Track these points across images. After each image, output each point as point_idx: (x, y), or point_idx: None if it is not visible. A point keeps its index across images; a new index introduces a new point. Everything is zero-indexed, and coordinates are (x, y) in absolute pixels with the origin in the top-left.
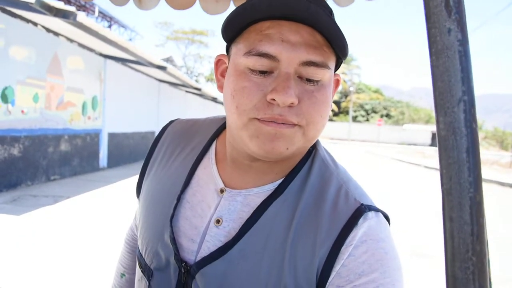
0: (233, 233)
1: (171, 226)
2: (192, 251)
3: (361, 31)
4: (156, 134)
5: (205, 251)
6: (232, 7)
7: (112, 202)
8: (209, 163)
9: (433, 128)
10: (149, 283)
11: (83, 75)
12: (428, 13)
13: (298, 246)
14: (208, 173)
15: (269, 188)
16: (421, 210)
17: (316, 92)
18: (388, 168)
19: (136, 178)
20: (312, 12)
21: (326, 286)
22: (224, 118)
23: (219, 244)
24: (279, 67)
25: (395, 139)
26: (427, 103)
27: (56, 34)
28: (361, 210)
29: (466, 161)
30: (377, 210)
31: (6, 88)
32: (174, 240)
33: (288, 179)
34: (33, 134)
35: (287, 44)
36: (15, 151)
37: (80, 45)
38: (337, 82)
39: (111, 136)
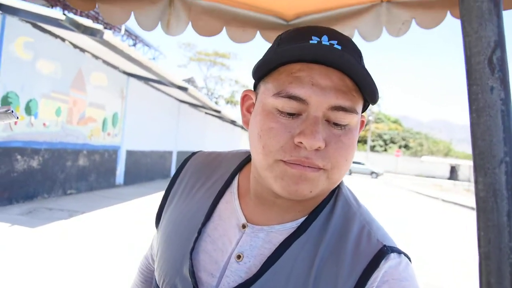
0: (254, 270)
1: (191, 259)
2: (211, 286)
3: (382, 60)
4: (174, 154)
5: (225, 286)
6: (258, 37)
7: (126, 219)
8: (231, 198)
9: (451, 161)
10: None
11: (105, 92)
12: (469, 69)
13: (320, 285)
14: (231, 207)
15: (292, 226)
16: (437, 244)
17: (343, 136)
18: (405, 200)
19: (151, 197)
20: (344, 60)
21: None
22: (247, 152)
23: (239, 280)
24: (308, 110)
25: (413, 171)
26: (447, 135)
27: (82, 50)
28: (384, 251)
29: (507, 225)
30: (399, 252)
31: (30, 100)
32: (193, 274)
33: (311, 217)
34: (53, 147)
35: (317, 88)
36: (35, 163)
37: (105, 62)
38: (362, 123)
39: (129, 153)
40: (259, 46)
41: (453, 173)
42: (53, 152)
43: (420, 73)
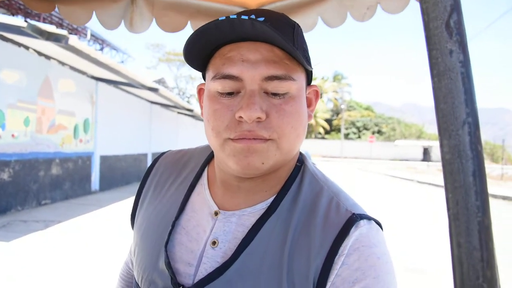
0: (230, 254)
1: (166, 251)
2: (190, 275)
3: (351, 48)
4: (149, 156)
5: (203, 273)
6: None
7: (104, 225)
8: (202, 189)
9: (424, 143)
10: None
11: (74, 98)
12: (428, 34)
13: (294, 261)
14: (202, 198)
15: (262, 207)
16: (415, 225)
17: (284, 104)
18: (381, 184)
19: (128, 201)
20: (259, 30)
21: (330, 273)
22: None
23: (217, 265)
24: (244, 86)
25: (387, 155)
26: (418, 118)
27: (48, 57)
28: (353, 219)
29: (473, 185)
30: (369, 218)
31: None
32: (169, 265)
33: (280, 196)
34: (23, 158)
35: (247, 63)
36: (5, 175)
37: (72, 68)
38: (316, 93)
39: (103, 159)
40: None
41: (426, 155)
42: (24, 163)
43: (388, 59)
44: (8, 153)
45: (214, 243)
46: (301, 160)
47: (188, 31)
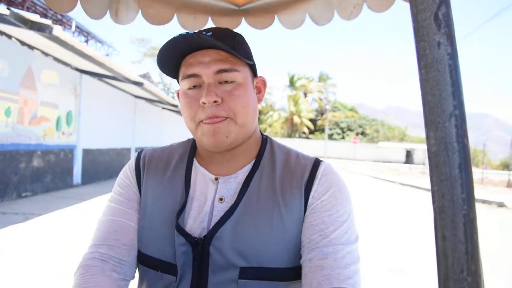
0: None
1: (177, 219)
2: (203, 228)
3: (337, 49)
4: (132, 150)
5: (214, 221)
6: (210, 23)
7: (85, 219)
8: (196, 168)
9: (406, 145)
10: (176, 276)
11: (58, 90)
12: (416, 26)
13: (285, 190)
14: (200, 174)
15: (248, 168)
16: (397, 227)
17: (234, 90)
18: (364, 185)
19: (110, 195)
20: (203, 40)
21: (308, 205)
22: (190, 139)
23: (224, 214)
24: (203, 81)
25: (370, 157)
26: (401, 121)
27: (31, 47)
28: (318, 160)
29: (459, 178)
30: (323, 160)
31: None
32: (179, 226)
33: (258, 158)
34: (4, 149)
35: (202, 64)
36: None
37: (56, 59)
38: (263, 82)
39: (86, 152)
40: None
41: (409, 157)
42: (5, 154)
43: (372, 61)
44: None
45: (221, 199)
46: (265, 135)
47: (174, 24)
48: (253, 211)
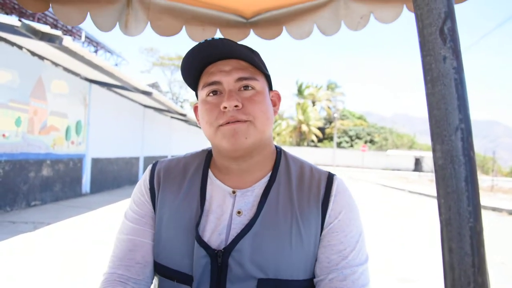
0: (253, 216)
1: (197, 231)
2: (222, 240)
3: (345, 58)
4: (141, 160)
5: (233, 235)
6: (218, 35)
7: (94, 228)
8: (212, 180)
9: (415, 153)
10: (191, 286)
11: (67, 100)
12: (422, 41)
13: (302, 204)
14: (216, 186)
15: (264, 180)
16: (406, 235)
17: (254, 96)
18: (373, 193)
19: (119, 204)
20: (228, 49)
21: (325, 223)
22: (204, 149)
23: (244, 226)
24: (224, 88)
25: (379, 165)
26: (409, 129)
27: (41, 57)
28: (331, 175)
29: (465, 190)
30: (335, 174)
31: None
32: (198, 234)
33: (274, 170)
34: (14, 158)
35: (223, 72)
36: None
37: (65, 69)
38: (278, 96)
39: (95, 161)
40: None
41: (418, 165)
42: (14, 164)
43: (380, 70)
44: None
45: (239, 212)
46: (278, 147)
47: (182, 36)
48: (272, 224)
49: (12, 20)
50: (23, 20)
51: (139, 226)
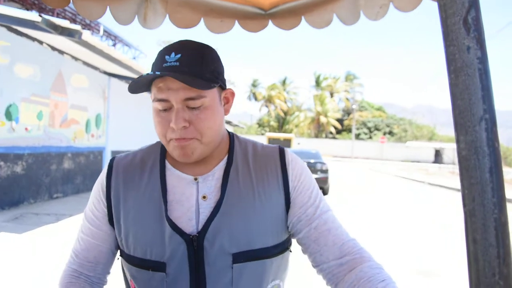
0: (218, 199)
1: (170, 220)
2: (193, 226)
3: (364, 49)
4: None
5: (203, 218)
6: (237, 27)
7: None
8: (171, 171)
9: (436, 145)
10: (165, 273)
11: (87, 93)
12: (446, 30)
13: (261, 177)
14: (176, 176)
15: (222, 164)
16: (426, 228)
17: (200, 114)
18: (392, 185)
19: None
20: (176, 74)
21: (290, 188)
22: (159, 142)
23: (212, 209)
24: (172, 105)
25: (398, 156)
26: (430, 120)
27: (61, 52)
28: (281, 147)
29: (490, 181)
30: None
31: (10, 105)
32: (175, 226)
33: (230, 153)
34: (36, 151)
35: (171, 90)
36: (18, 168)
37: (85, 63)
38: (231, 94)
39: (115, 153)
40: (238, 38)
41: (438, 157)
42: (37, 157)
43: (401, 60)
44: (21, 147)
45: (204, 197)
46: (231, 133)
47: (200, 27)
48: (237, 202)
49: (33, 15)
50: (43, 15)
51: (94, 228)
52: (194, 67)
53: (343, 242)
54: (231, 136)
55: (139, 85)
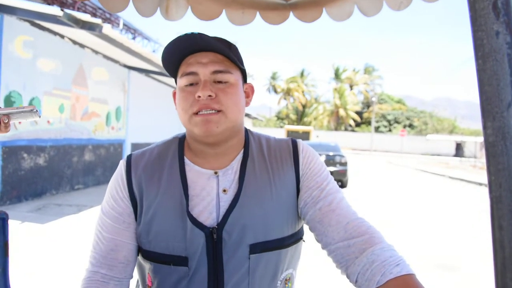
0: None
1: (191, 214)
2: (213, 219)
3: (384, 41)
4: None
5: (223, 212)
6: (258, 18)
7: None
8: (190, 167)
9: (456, 138)
10: (187, 267)
11: (107, 86)
12: (474, 15)
13: (277, 168)
14: (195, 171)
15: (239, 157)
16: (446, 221)
17: (227, 88)
18: (412, 178)
19: None
20: (205, 43)
21: (300, 175)
22: (175, 137)
23: (230, 202)
24: (200, 79)
25: (418, 150)
26: (450, 113)
27: (82, 46)
28: (293, 139)
29: None
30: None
31: (33, 98)
32: (192, 217)
33: (246, 147)
34: (58, 144)
35: (200, 64)
36: (41, 160)
37: (105, 56)
38: (251, 89)
39: (134, 146)
40: (260, 29)
41: (459, 150)
42: (59, 149)
43: (421, 52)
44: (44, 139)
45: (224, 190)
46: (247, 129)
47: (222, 19)
48: (254, 193)
49: (55, 10)
50: (64, 10)
51: (118, 225)
52: (223, 47)
53: (348, 221)
54: (246, 130)
55: (171, 55)
